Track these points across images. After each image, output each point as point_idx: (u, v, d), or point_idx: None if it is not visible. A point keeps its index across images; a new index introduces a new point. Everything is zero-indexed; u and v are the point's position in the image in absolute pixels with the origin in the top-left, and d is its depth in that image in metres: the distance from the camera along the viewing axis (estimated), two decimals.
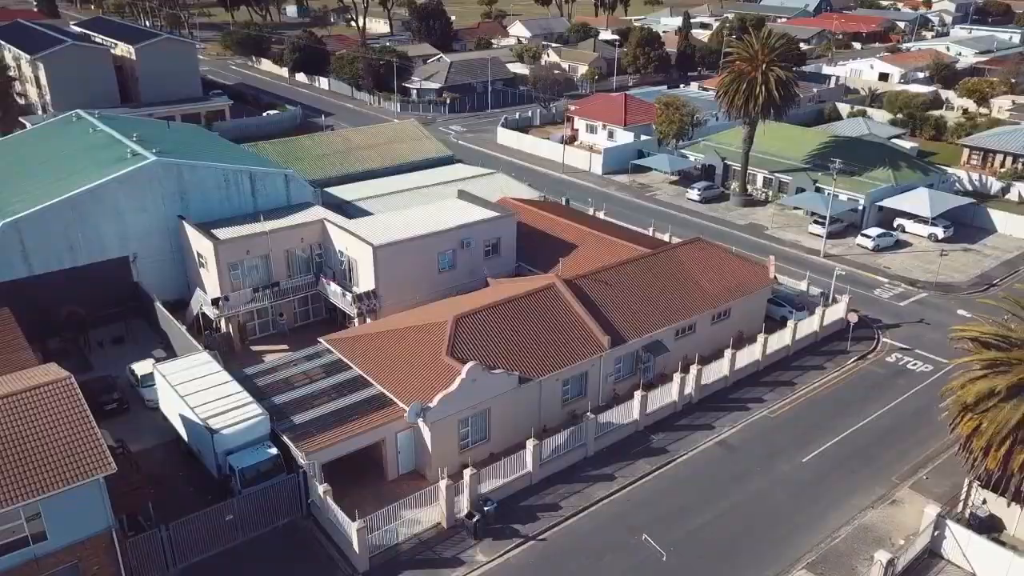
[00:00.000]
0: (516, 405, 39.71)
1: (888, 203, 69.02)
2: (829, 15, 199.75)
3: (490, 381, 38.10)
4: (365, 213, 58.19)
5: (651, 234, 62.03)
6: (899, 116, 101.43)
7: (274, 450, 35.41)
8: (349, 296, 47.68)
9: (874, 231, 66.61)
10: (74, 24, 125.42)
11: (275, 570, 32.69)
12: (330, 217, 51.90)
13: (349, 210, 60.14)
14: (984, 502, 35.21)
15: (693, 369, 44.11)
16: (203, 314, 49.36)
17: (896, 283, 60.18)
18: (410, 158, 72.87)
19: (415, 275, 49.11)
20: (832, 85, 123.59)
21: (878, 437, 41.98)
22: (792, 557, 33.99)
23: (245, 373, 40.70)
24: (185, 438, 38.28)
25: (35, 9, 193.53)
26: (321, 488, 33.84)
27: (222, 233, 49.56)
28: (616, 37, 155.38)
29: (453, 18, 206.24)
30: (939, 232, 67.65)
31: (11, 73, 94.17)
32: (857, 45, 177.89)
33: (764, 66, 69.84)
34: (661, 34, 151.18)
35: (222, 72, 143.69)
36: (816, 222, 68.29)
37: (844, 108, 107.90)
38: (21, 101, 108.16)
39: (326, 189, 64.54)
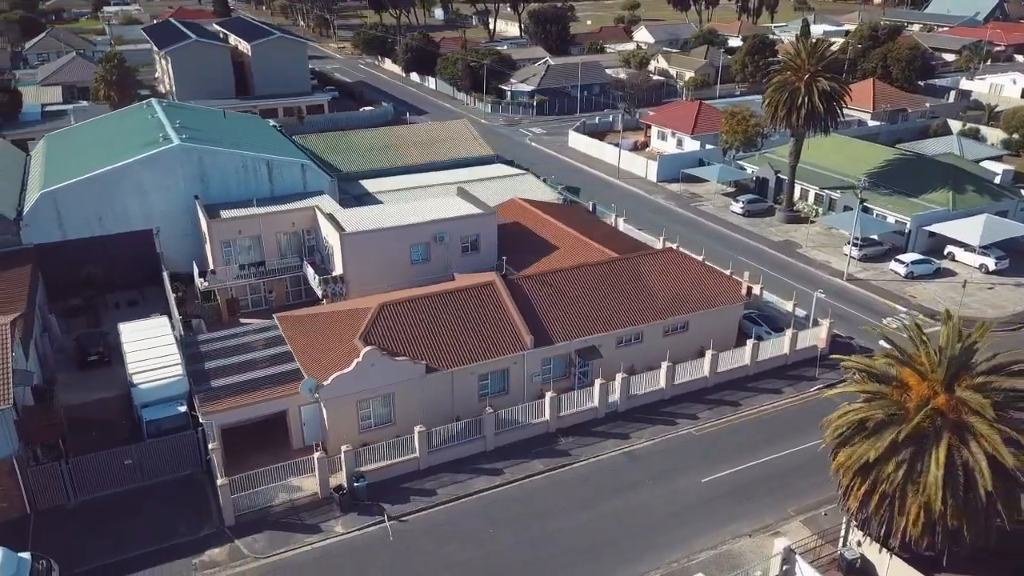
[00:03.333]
0: (424, 393, 41.24)
1: (936, 228, 63.73)
2: (997, 24, 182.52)
3: (392, 367, 39.91)
4: (378, 203, 61.70)
5: (661, 243, 61.24)
6: (1014, 136, 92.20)
7: (184, 408, 39.21)
8: (317, 279, 51.04)
9: (909, 257, 61.87)
10: (215, 23, 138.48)
11: (161, 513, 36.26)
12: (322, 205, 55.51)
13: (367, 201, 63.93)
14: (859, 544, 32.98)
15: (618, 377, 43.71)
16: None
17: (914, 314, 55.80)
18: (451, 156, 75.66)
19: (386, 265, 51.51)
20: (951, 99, 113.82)
21: (796, 467, 39.87)
22: (636, 571, 33.48)
23: (196, 339, 45.01)
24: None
25: (211, 9, 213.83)
26: (211, 445, 37.18)
27: (222, 213, 54.47)
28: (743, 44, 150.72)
29: (589, 22, 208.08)
30: (990, 263, 61.70)
31: (153, 67, 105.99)
32: (1021, 58, 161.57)
33: (807, 77, 66.37)
34: (784, 41, 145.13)
35: (349, 70, 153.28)
36: (853, 243, 64.24)
37: (956, 125, 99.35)
38: (161, 90, 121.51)
39: (360, 181, 68.80)
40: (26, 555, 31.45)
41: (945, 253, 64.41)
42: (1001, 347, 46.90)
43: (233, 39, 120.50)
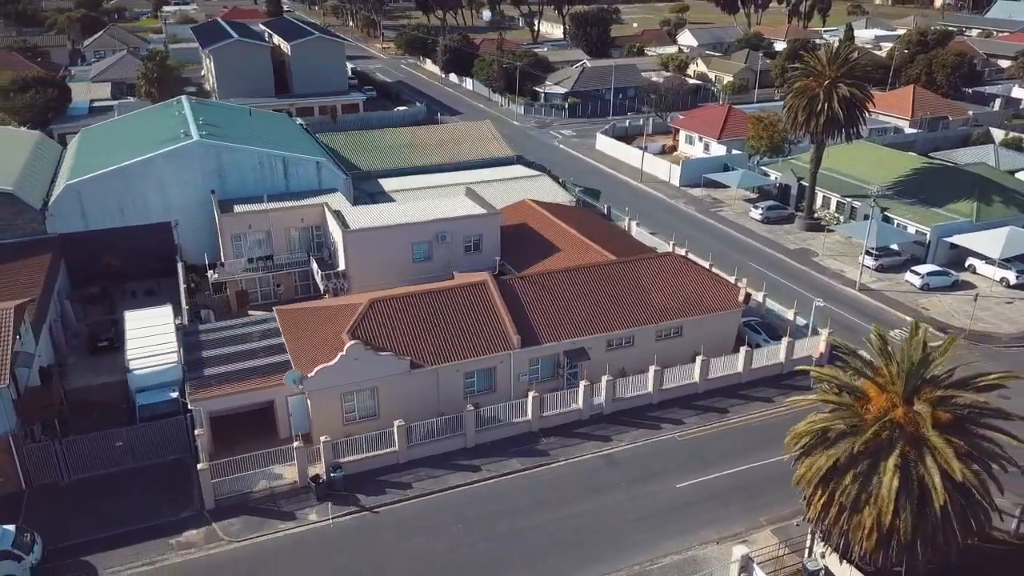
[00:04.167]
0: (409, 389, 42.01)
1: (957, 240, 62.09)
2: None
3: (376, 362, 40.78)
4: (391, 202, 62.89)
5: (671, 247, 60.98)
6: None
7: (175, 394, 40.68)
8: (319, 274, 52.32)
9: (925, 268, 60.44)
10: (261, 23, 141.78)
11: (148, 494, 37.71)
12: (330, 202, 56.75)
13: (380, 199, 65.14)
14: (823, 555, 32.62)
15: (603, 379, 43.84)
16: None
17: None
18: (471, 156, 76.36)
19: (387, 262, 52.45)
20: (996, 107, 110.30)
21: (775, 476, 39.28)
22: (597, 572, 33.66)
23: (197, 328, 46.60)
24: None
25: (264, 9, 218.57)
26: (197, 431, 38.56)
27: (235, 208, 56.17)
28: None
29: (635, 25, 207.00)
30: (1011, 276, 59.87)
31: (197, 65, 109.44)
32: None
33: (827, 82, 65.27)
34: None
35: (391, 71, 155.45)
36: (868, 253, 62.99)
37: (999, 134, 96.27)
38: (207, 87, 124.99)
39: (379, 179, 70.11)
40: (10, 527, 33.18)
41: (966, 265, 62.75)
42: (1010, 362, 45.98)
43: (276, 39, 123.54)
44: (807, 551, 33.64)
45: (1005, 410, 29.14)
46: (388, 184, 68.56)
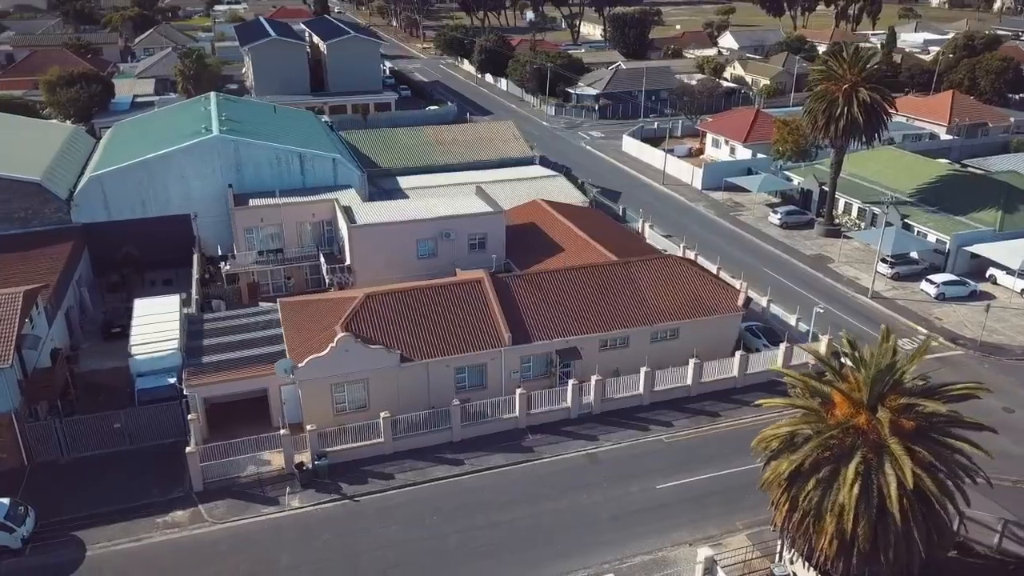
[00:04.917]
0: (400, 382, 42.74)
1: (978, 249, 60.57)
2: None
3: (367, 354, 41.59)
4: (405, 199, 64.00)
5: (681, 251, 60.77)
6: None
7: (173, 380, 42.06)
8: (325, 268, 53.47)
9: (940, 277, 59.10)
10: (302, 22, 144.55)
11: (141, 475, 39.13)
12: (341, 198, 57.89)
13: (396, 196, 66.29)
14: (791, 561, 32.36)
15: (593, 379, 43.98)
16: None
17: (934, 337, 53.35)
18: (491, 156, 77.15)
19: (393, 258, 53.34)
20: None
21: (757, 481, 39.10)
22: (562, 570, 33.92)
23: (202, 317, 48.07)
24: None
25: (312, 9, 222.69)
26: (190, 416, 39.87)
27: (250, 202, 57.70)
28: None
29: (678, 27, 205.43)
30: None
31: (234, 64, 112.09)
32: None
33: (847, 86, 64.17)
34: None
35: (429, 70, 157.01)
36: (884, 261, 61.86)
37: None
38: (248, 84, 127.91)
39: (397, 177, 71.31)
40: (5, 500, 34.81)
41: (987, 275, 61.18)
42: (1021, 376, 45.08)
43: (316, 38, 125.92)
44: (777, 556, 33.42)
45: (965, 418, 28.62)
46: (406, 182, 69.69)
